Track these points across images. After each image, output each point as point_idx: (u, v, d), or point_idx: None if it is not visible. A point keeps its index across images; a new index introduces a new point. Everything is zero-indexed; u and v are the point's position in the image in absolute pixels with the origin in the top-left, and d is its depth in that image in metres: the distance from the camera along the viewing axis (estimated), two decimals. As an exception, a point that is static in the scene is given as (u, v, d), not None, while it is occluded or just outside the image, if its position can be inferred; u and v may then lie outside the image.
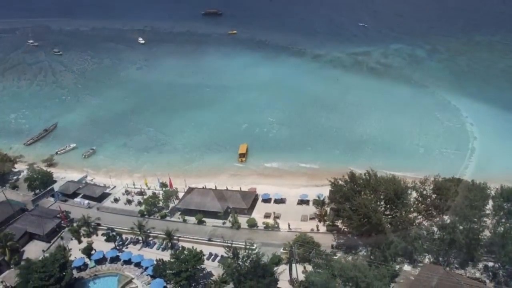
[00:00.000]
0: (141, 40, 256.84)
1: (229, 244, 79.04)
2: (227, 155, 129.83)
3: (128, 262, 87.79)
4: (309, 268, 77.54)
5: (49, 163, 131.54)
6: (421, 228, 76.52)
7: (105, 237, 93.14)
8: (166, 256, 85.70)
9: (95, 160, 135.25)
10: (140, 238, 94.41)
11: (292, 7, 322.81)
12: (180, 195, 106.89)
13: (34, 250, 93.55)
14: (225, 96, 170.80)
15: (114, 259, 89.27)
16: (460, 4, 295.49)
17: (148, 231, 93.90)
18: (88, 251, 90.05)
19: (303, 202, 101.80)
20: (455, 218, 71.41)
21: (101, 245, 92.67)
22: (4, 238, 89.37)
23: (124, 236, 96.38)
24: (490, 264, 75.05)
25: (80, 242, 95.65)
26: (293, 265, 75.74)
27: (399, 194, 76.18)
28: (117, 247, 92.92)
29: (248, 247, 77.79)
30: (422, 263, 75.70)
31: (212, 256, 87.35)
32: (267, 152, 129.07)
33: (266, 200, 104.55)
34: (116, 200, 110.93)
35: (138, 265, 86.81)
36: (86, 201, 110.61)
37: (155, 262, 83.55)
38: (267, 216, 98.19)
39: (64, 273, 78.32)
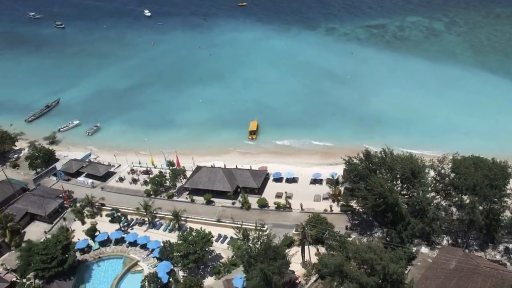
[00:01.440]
0: (147, 13, 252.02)
1: (239, 225, 77.58)
2: (236, 132, 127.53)
3: (133, 244, 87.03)
4: (322, 250, 76.14)
5: (51, 141, 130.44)
6: (439, 209, 74.30)
7: (109, 218, 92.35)
8: (173, 237, 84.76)
9: (99, 138, 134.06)
10: (146, 219, 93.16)
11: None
12: (188, 174, 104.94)
13: (36, 231, 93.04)
14: (235, 70, 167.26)
15: (119, 241, 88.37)
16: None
17: (155, 212, 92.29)
18: (91, 232, 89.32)
19: (316, 181, 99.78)
20: (475, 198, 68.82)
21: (105, 226, 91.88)
22: (5, 219, 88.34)
23: (129, 217, 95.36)
24: (511, 246, 73.31)
25: (83, 223, 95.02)
26: (306, 247, 74.63)
27: (416, 173, 73.52)
28: (122, 228, 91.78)
29: (258, 228, 76.78)
30: (440, 245, 74.03)
31: (221, 238, 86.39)
32: (278, 129, 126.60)
33: (278, 179, 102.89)
34: (121, 179, 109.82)
35: (144, 247, 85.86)
36: (90, 180, 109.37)
37: (161, 244, 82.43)
38: (278, 196, 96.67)
39: (66, 256, 77.67)
